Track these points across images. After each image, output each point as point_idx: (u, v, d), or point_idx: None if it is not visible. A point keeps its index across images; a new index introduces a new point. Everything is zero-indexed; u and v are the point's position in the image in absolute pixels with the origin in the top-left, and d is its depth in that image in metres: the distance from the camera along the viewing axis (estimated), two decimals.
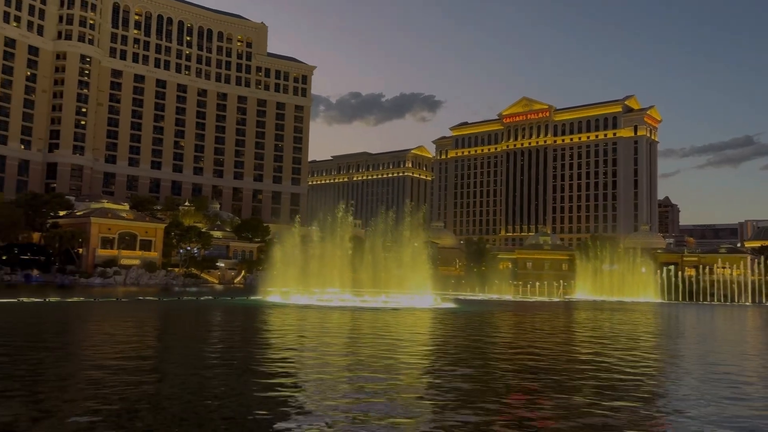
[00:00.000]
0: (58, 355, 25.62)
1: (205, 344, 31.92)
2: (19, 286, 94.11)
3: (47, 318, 48.26)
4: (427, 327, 46.18)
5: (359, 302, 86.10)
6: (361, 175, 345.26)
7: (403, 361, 25.35)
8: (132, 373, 20.87)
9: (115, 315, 52.93)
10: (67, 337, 34.99)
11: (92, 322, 46.75)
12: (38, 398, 16.64)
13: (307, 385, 19.81)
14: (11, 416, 14.47)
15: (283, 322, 49.11)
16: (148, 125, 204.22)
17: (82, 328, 40.96)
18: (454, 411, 16.19)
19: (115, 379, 19.63)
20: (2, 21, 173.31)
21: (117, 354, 25.99)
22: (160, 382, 19.65)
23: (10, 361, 22.65)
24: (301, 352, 28.84)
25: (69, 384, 18.95)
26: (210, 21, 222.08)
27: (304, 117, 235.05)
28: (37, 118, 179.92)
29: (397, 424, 14.70)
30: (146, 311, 59.28)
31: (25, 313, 51.01)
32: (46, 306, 60.36)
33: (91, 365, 22.74)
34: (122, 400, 16.42)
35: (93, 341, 32.24)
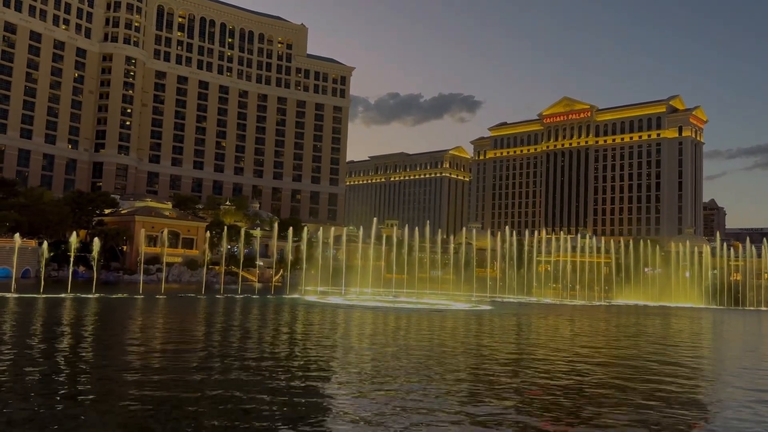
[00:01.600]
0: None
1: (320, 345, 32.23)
2: (66, 282, 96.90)
3: (152, 312, 49.60)
4: (499, 333, 44.92)
5: (397, 303, 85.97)
6: (399, 176, 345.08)
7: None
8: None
9: (195, 311, 54.05)
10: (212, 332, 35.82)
11: (166, 317, 47.84)
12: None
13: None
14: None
15: (338, 321, 49.28)
16: (191, 126, 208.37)
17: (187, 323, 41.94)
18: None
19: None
20: (52, 24, 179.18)
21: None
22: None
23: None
24: (379, 358, 27.96)
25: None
26: (251, 23, 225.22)
27: (343, 118, 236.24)
28: (84, 118, 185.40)
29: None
30: (212, 308, 60.32)
31: (116, 308, 52.50)
32: (120, 301, 62.09)
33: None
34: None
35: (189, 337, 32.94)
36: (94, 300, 63.53)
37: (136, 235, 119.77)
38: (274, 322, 47.54)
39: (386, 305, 78.43)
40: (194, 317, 50.14)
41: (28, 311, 48.14)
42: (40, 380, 19.33)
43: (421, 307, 76.66)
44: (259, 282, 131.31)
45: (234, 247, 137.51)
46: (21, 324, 39.47)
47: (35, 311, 48.79)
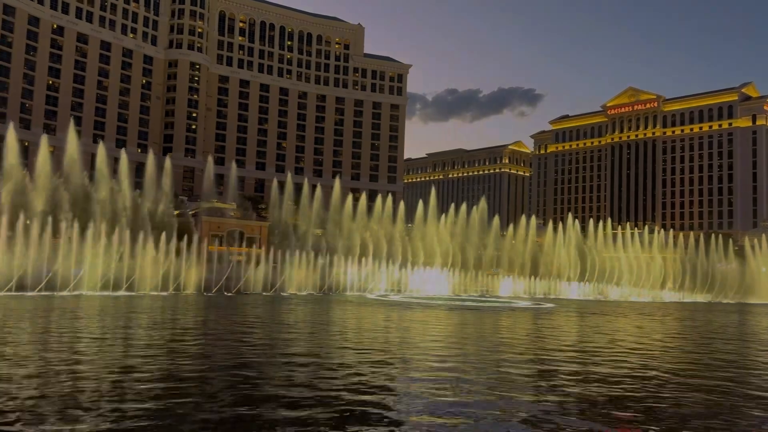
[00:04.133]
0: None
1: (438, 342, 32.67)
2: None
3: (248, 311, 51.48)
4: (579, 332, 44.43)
5: (459, 300, 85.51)
6: (457, 172, 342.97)
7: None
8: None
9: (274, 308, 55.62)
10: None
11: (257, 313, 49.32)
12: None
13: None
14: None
15: (407, 318, 49.53)
16: (253, 128, 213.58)
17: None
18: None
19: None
20: (120, 33, 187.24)
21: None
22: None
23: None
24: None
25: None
26: (309, 25, 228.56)
27: (400, 116, 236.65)
28: (152, 123, 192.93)
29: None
30: (286, 305, 61.80)
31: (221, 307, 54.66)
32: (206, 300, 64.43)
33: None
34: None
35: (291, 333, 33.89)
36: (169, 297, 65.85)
37: (204, 234, 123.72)
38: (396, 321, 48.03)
39: (453, 303, 78.07)
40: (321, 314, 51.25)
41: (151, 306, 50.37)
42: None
43: (486, 305, 75.93)
44: (322, 279, 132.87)
45: (296, 246, 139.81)
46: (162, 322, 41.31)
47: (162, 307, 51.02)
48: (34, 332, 32.72)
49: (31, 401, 15.35)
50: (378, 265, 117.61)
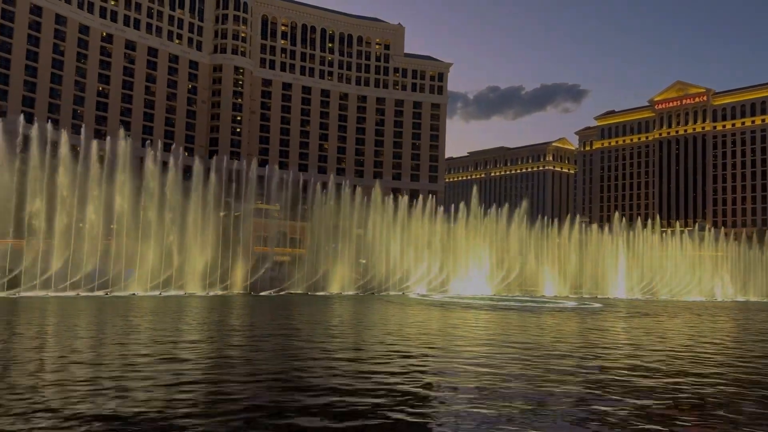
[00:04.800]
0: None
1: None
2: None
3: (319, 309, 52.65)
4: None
5: (502, 300, 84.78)
6: (499, 171, 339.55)
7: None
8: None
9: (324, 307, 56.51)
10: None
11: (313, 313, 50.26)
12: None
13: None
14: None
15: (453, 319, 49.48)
16: (295, 130, 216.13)
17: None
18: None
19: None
20: (167, 39, 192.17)
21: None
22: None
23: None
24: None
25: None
26: (350, 26, 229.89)
27: (441, 115, 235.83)
28: (198, 127, 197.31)
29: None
30: (338, 305, 62.59)
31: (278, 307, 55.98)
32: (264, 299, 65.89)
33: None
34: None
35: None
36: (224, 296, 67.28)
37: (249, 235, 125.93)
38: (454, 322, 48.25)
39: (496, 303, 77.51)
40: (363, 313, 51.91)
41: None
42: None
43: (532, 304, 75.06)
44: (364, 279, 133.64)
45: (338, 246, 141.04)
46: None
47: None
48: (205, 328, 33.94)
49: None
50: (419, 265, 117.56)
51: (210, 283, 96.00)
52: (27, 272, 77.32)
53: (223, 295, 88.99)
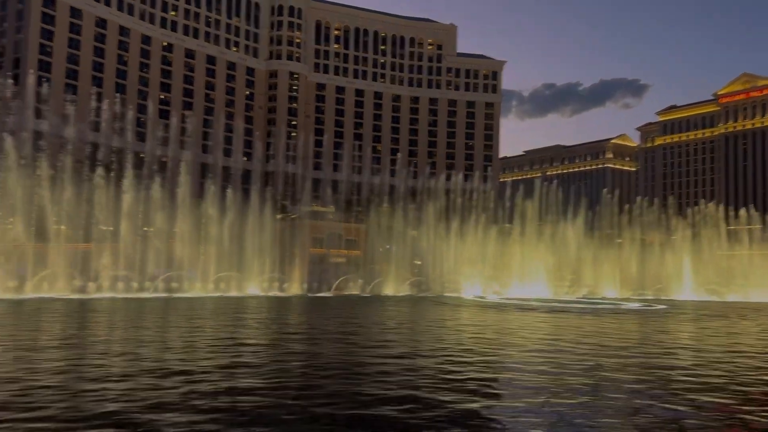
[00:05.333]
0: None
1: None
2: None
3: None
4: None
5: (557, 303, 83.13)
6: (556, 169, 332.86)
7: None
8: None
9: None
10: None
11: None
12: None
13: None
14: None
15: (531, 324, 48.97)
16: (349, 133, 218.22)
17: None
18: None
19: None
20: (224, 47, 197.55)
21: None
22: None
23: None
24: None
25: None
26: (402, 28, 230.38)
27: (495, 113, 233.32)
28: (256, 132, 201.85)
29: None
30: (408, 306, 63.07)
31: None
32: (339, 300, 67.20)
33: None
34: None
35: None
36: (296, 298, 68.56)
37: (305, 237, 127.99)
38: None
39: (550, 305, 76.13)
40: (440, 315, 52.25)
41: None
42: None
43: (594, 307, 73.34)
44: (419, 280, 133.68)
45: (393, 247, 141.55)
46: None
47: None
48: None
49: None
50: (475, 266, 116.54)
51: (268, 284, 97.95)
52: (96, 275, 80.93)
53: (281, 296, 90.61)
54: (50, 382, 17.85)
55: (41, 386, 16.97)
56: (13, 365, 21.57)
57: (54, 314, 46.47)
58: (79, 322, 40.93)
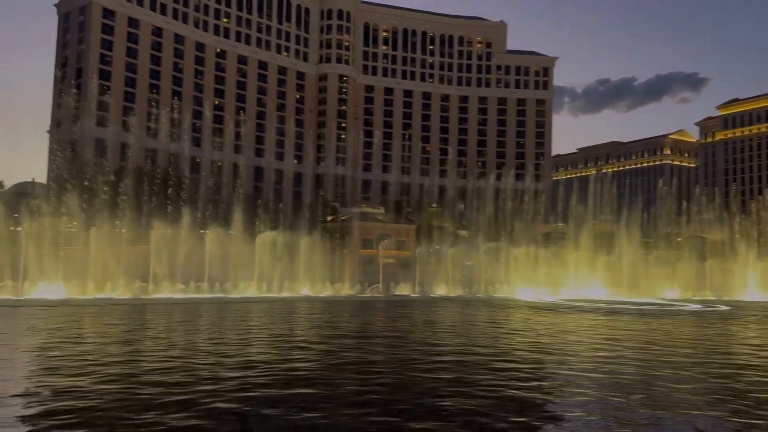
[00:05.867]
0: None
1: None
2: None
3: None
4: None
5: (619, 304, 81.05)
6: (611, 167, 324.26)
7: None
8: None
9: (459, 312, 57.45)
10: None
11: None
12: None
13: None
14: None
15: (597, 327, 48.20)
16: (398, 133, 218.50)
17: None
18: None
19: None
20: (275, 52, 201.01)
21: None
22: None
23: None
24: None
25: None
26: (450, 27, 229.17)
27: (546, 111, 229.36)
28: (306, 135, 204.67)
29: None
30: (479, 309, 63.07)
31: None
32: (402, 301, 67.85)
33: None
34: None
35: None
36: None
37: (356, 239, 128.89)
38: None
39: (612, 307, 74.28)
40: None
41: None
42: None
43: (654, 308, 71.26)
44: (469, 281, 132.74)
45: (443, 248, 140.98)
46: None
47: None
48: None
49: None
50: (528, 267, 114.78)
51: (321, 285, 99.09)
52: (154, 276, 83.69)
53: (333, 297, 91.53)
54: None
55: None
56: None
57: (186, 314, 48.20)
58: (237, 322, 42.45)
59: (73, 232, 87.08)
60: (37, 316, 45.96)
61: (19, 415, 14.70)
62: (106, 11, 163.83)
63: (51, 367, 22.52)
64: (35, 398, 16.80)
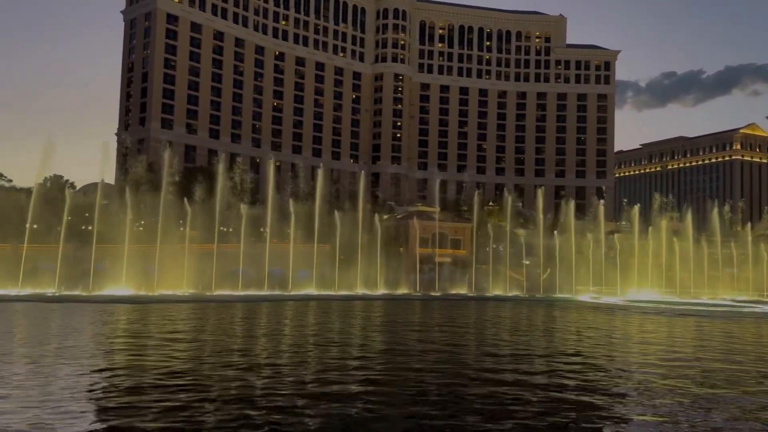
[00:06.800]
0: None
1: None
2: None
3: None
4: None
5: (687, 306, 78.15)
6: (677, 163, 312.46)
7: None
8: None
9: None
10: None
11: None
12: None
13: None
14: None
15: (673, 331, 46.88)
16: (453, 132, 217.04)
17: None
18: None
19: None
20: (332, 53, 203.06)
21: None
22: None
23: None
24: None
25: None
26: (508, 23, 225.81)
27: (608, 106, 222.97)
28: (362, 134, 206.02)
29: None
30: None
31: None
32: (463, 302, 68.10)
33: None
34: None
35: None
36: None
37: (412, 237, 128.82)
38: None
39: (682, 308, 71.67)
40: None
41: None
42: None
43: (729, 310, 68.44)
44: (528, 281, 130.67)
45: (500, 247, 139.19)
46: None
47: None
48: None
49: None
50: (587, 267, 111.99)
51: (376, 284, 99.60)
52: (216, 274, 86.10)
53: (392, 295, 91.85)
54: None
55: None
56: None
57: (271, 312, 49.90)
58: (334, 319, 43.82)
59: (140, 231, 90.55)
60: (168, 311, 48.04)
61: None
62: (169, 17, 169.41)
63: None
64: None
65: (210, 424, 14.44)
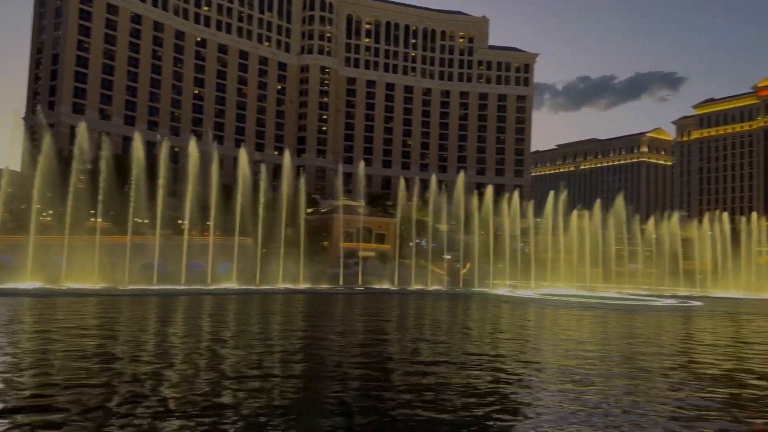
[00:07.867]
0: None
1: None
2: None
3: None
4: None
5: (598, 299, 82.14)
6: (589, 164, 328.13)
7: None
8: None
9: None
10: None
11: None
12: None
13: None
14: None
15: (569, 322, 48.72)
16: (379, 127, 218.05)
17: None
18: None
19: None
20: (257, 42, 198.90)
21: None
22: None
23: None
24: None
25: None
26: (433, 21, 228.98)
27: (527, 107, 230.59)
28: (287, 126, 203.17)
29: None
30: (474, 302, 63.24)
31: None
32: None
33: None
34: None
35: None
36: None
37: (336, 231, 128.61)
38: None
39: (592, 301, 75.23)
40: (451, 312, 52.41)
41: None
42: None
43: (627, 303, 72.41)
44: (448, 275, 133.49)
45: (422, 242, 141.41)
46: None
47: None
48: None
49: None
50: (505, 262, 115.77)
51: (298, 278, 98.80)
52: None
53: (314, 289, 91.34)
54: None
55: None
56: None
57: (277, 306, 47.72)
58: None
59: (48, 221, 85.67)
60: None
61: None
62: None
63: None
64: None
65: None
